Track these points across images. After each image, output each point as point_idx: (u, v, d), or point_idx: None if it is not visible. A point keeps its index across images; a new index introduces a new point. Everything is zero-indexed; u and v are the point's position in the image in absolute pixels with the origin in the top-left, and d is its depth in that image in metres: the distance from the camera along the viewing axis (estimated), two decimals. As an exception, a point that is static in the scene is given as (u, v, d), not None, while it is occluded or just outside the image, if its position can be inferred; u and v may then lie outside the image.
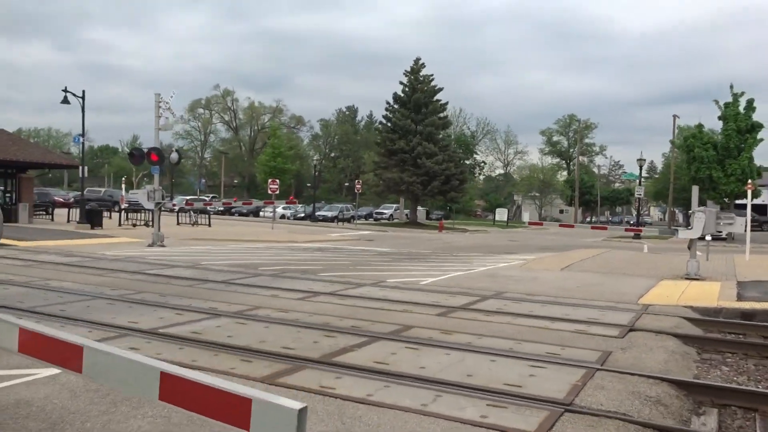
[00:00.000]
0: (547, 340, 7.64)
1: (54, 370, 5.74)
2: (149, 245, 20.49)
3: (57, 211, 39.36)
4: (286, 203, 34.96)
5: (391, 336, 7.68)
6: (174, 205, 31.52)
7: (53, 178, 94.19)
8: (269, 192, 35.84)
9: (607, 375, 6.14)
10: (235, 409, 1.95)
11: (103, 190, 57.95)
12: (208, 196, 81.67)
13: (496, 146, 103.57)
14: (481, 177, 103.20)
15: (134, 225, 31.88)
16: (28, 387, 5.28)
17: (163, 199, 21.18)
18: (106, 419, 4.58)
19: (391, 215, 62.93)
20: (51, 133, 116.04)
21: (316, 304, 10.01)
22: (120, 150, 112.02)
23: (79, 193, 57.00)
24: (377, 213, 64.90)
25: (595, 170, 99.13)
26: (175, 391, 2.12)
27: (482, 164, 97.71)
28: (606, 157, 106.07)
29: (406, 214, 53.78)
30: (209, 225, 35.02)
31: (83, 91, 27.10)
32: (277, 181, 35.96)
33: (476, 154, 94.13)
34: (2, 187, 30.83)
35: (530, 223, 36.03)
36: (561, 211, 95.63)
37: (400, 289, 11.99)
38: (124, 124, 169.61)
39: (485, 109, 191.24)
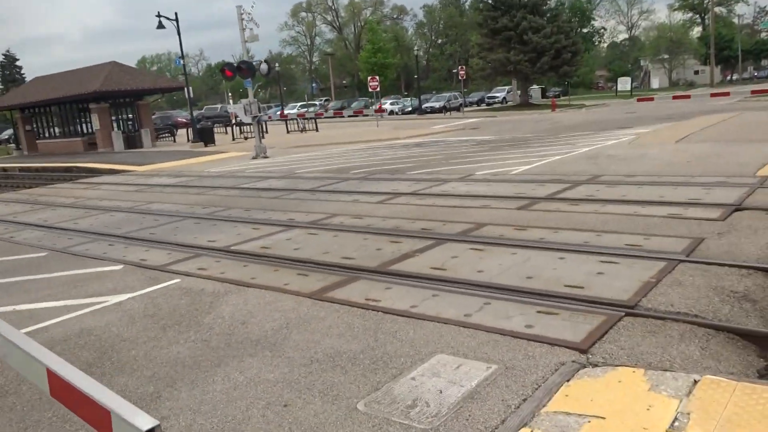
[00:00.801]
0: (631, 230, 6.89)
1: (123, 296, 6.08)
2: (253, 157, 21.17)
3: (179, 131, 41.92)
4: (375, 112, 34.21)
5: (459, 237, 7.31)
6: (269, 117, 32.12)
7: (178, 100, 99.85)
8: (370, 90, 35.33)
9: (690, 267, 5.41)
10: (101, 418, 1.78)
11: (219, 106, 60.46)
12: (320, 100, 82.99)
13: (617, 8, 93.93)
14: (603, 45, 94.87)
15: (245, 138, 33.11)
16: (94, 315, 5.62)
17: (260, 111, 21.54)
18: (151, 346, 4.75)
19: (504, 98, 60.18)
20: (171, 57, 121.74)
21: (393, 206, 9.79)
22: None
23: (200, 112, 60.14)
24: (489, 97, 62.30)
25: (736, 21, 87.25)
26: (60, 389, 1.98)
27: (602, 31, 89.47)
28: (748, 4, 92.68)
29: (520, 95, 51.12)
30: (317, 130, 35.61)
31: (176, 14, 27.61)
32: (377, 78, 35.28)
33: (594, 20, 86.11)
34: (124, 116, 33.04)
35: (639, 100, 32.24)
36: (696, 72, 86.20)
37: (487, 182, 11.42)
38: (235, 39, 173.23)
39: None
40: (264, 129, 34.53)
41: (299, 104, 65.20)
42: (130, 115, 33.57)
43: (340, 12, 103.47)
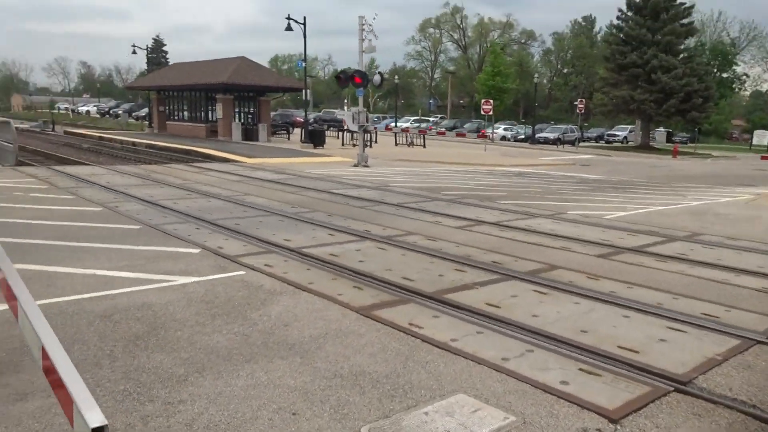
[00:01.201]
0: (714, 298, 6.36)
1: (189, 279, 6.42)
2: (354, 165, 21.67)
3: (295, 130, 43.69)
4: (478, 136, 33.86)
5: (526, 276, 7.08)
6: (375, 128, 32.67)
7: (299, 101, 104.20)
8: (482, 113, 35.09)
9: (766, 351, 4.92)
10: (68, 403, 1.92)
11: (336, 111, 62.33)
12: (435, 117, 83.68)
13: (764, 54, 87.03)
14: (744, 93, 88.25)
15: (354, 145, 33.90)
16: (159, 292, 5.97)
17: (367, 121, 22.02)
18: (196, 330, 4.98)
19: (625, 137, 57.68)
20: (300, 57, 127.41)
21: (471, 234, 9.65)
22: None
23: (318, 114, 62.39)
24: (609, 135, 59.98)
25: None
26: (48, 367, 2.14)
27: (744, 77, 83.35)
28: None
29: (641, 137, 48.67)
30: (424, 146, 35.81)
31: (304, 18, 28.87)
32: (491, 101, 34.96)
33: (737, 65, 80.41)
34: (245, 109, 34.92)
35: (763, 158, 29.58)
36: None
37: (576, 223, 10.98)
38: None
39: (753, 10, 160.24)
40: (372, 138, 35.29)
41: (413, 118, 65.95)
42: (251, 109, 35.45)
43: (468, 31, 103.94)
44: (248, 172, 18.06)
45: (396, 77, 67.54)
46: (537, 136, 49.44)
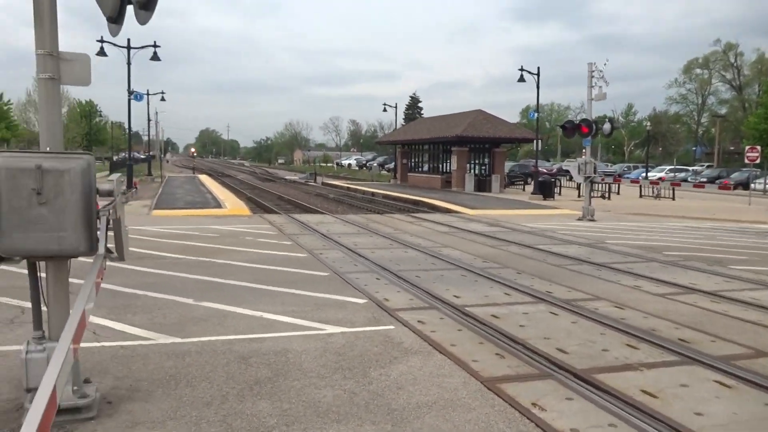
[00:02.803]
0: None
1: (338, 329, 6.68)
2: (578, 219, 20.46)
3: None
4: (719, 187, 29.02)
5: (714, 362, 5.86)
6: (602, 178, 30.30)
7: (547, 151, 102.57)
8: (746, 161, 30.56)
9: None
10: None
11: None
12: (700, 165, 75.55)
13: None
14: None
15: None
16: (304, 339, 6.29)
17: (594, 172, 20.70)
18: (311, 382, 5.10)
19: None
20: (553, 107, 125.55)
21: (671, 303, 8.34)
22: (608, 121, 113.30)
23: (560, 164, 60.67)
24: None
25: None
26: None
27: None
28: None
29: None
30: (672, 198, 32.40)
31: (538, 68, 28.67)
32: (757, 148, 30.25)
33: None
34: (479, 161, 35.52)
35: None
36: None
37: (828, 299, 8.79)
38: (625, 93, 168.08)
39: None
40: (612, 189, 32.99)
41: (667, 168, 60.22)
42: (486, 161, 35.94)
43: (744, 69, 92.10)
44: (461, 224, 18.21)
45: (648, 124, 62.61)
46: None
